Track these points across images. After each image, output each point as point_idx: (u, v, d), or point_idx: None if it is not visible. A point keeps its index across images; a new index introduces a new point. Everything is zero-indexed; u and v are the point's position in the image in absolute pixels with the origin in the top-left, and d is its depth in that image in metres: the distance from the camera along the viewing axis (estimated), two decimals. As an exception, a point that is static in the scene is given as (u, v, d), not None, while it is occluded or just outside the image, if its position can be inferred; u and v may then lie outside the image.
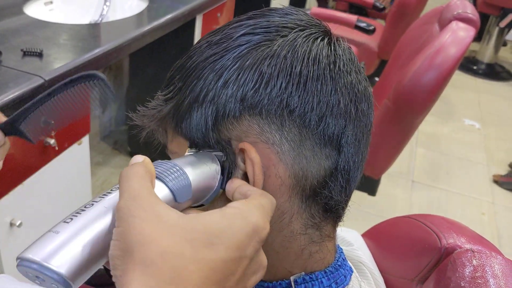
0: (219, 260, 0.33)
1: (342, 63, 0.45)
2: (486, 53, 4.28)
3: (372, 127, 0.49)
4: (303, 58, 0.43)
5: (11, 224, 1.17)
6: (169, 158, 0.47)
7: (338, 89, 0.44)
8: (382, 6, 2.64)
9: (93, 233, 0.34)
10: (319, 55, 0.44)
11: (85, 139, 1.38)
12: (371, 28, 2.33)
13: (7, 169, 1.12)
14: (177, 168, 0.40)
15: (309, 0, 4.01)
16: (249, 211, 0.36)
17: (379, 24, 3.02)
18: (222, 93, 0.43)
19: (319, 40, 0.45)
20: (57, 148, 1.22)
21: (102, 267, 0.37)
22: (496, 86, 2.99)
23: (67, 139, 1.29)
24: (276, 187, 0.44)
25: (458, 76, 4.00)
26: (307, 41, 0.45)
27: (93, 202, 0.37)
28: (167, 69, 0.49)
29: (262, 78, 0.42)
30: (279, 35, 0.44)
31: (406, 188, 2.65)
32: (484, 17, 3.49)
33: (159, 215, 0.34)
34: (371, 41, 2.71)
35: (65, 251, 0.33)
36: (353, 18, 2.37)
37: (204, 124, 0.44)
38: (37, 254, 0.33)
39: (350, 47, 0.49)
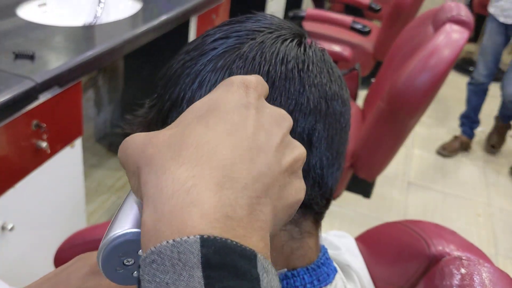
0: (217, 117, 0.31)
1: (311, 63, 0.46)
2: (482, 54, 4.27)
3: (349, 125, 0.50)
4: (271, 59, 0.45)
5: (3, 228, 1.17)
6: None
7: (307, 88, 0.45)
8: (378, 8, 2.64)
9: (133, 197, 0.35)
10: (287, 56, 0.45)
11: (78, 142, 1.37)
12: (367, 29, 2.33)
13: (-1, 172, 1.12)
14: None
15: (305, 1, 4.01)
16: (226, 79, 0.35)
17: (375, 25, 3.02)
18: (197, 94, 0.45)
19: (288, 41, 0.47)
20: (49, 151, 1.22)
21: None
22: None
23: (59, 142, 1.28)
24: None
25: (454, 77, 4.00)
26: (275, 42, 0.46)
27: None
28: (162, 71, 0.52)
29: None
30: (249, 38, 0.46)
31: (402, 189, 2.64)
32: (480, 18, 3.50)
33: (147, 133, 0.33)
34: (367, 42, 2.71)
35: (128, 219, 0.33)
36: (348, 19, 2.37)
37: None
38: (110, 234, 0.32)
39: (324, 49, 0.50)
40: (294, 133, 0.44)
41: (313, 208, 0.48)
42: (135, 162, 0.31)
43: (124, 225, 0.33)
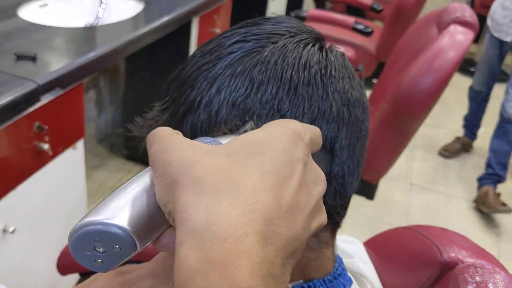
0: (269, 162, 0.31)
1: (334, 68, 0.45)
2: (483, 54, 4.27)
3: (368, 133, 0.49)
4: (294, 64, 0.44)
5: (4, 231, 1.16)
6: None
7: (330, 94, 0.44)
8: (380, 8, 2.63)
9: (139, 189, 0.34)
10: (310, 61, 0.44)
11: (80, 144, 1.36)
12: (369, 30, 2.32)
13: (0, 174, 1.10)
14: (218, 142, 0.39)
15: (306, 2, 4.00)
16: (284, 120, 0.35)
17: (376, 25, 3.01)
18: (215, 99, 0.44)
19: (310, 46, 0.46)
20: (51, 153, 1.21)
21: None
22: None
23: (61, 144, 1.27)
24: None
25: (456, 78, 3.98)
26: (297, 47, 0.45)
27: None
28: (164, 72, 0.50)
29: (253, 84, 0.43)
30: (270, 41, 0.45)
31: (404, 191, 2.63)
32: (481, 19, 3.49)
33: (194, 143, 0.33)
34: (369, 43, 2.70)
35: (124, 211, 0.32)
36: (350, 20, 2.36)
37: (199, 129, 0.44)
38: (97, 216, 0.32)
39: (344, 54, 0.49)
40: None
41: (334, 218, 0.47)
42: (176, 175, 0.30)
43: (119, 215, 0.32)
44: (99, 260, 0.33)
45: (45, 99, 1.16)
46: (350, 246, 0.62)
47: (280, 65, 0.43)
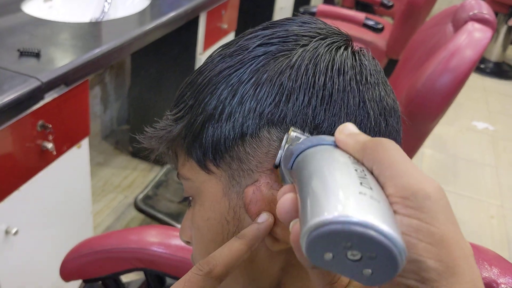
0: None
1: (369, 74, 0.41)
2: (494, 51, 4.21)
3: (401, 144, 0.45)
4: (327, 69, 0.40)
5: (7, 232, 1.13)
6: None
7: (367, 102, 0.40)
8: (390, 4, 2.58)
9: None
10: (344, 66, 0.40)
11: (85, 142, 1.33)
12: (380, 26, 2.27)
13: (2, 174, 1.07)
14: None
15: (314, -3, 3.94)
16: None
17: (386, 21, 2.96)
18: (239, 110, 0.39)
19: (342, 49, 0.41)
20: (55, 152, 1.17)
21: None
22: (504, 85, 2.93)
23: (65, 143, 1.24)
24: None
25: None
26: (329, 50, 0.41)
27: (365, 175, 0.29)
28: (170, 68, 0.45)
29: (283, 92, 0.39)
30: (299, 44, 0.41)
31: (413, 190, 2.59)
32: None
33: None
34: (379, 40, 2.65)
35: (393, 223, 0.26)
36: (361, 16, 2.31)
37: (223, 143, 0.40)
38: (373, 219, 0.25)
39: (375, 58, 0.44)
40: None
41: None
42: (441, 212, 0.28)
43: (375, 216, 0.25)
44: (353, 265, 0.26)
45: (49, 97, 1.12)
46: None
47: (312, 70, 0.39)
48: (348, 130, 0.33)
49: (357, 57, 0.42)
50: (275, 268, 0.43)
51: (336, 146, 0.33)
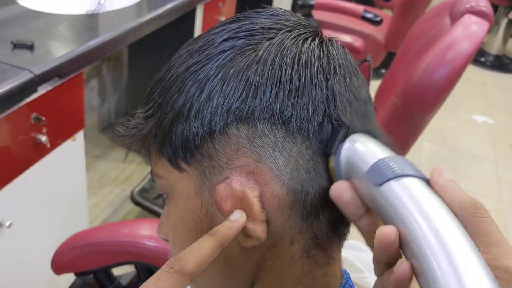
0: None
1: (337, 64, 0.40)
2: (494, 44, 4.19)
3: (378, 130, 0.44)
4: (293, 62, 0.39)
5: (0, 225, 1.12)
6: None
7: (336, 94, 0.39)
8: (389, -3, 2.57)
9: None
10: (311, 58, 0.39)
11: (80, 135, 1.32)
12: (378, 19, 2.26)
13: (-4, 167, 1.07)
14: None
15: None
16: None
17: (385, 14, 2.95)
18: (207, 106, 0.39)
19: (309, 41, 0.41)
20: (48, 145, 1.17)
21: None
22: (504, 78, 2.91)
23: (60, 136, 1.23)
24: (274, 208, 0.39)
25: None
26: (296, 43, 0.40)
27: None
28: (167, 60, 0.44)
29: (250, 87, 0.38)
30: (265, 37, 0.40)
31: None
32: (492, 8, 3.42)
33: None
34: (378, 33, 2.64)
35: None
36: (359, 8, 2.30)
37: (192, 141, 0.40)
38: None
39: (345, 47, 0.43)
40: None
41: (345, 229, 0.43)
42: None
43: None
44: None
45: (42, 90, 1.12)
46: (360, 257, 0.57)
47: (278, 64, 0.39)
48: (447, 174, 0.37)
49: (324, 48, 0.41)
50: (250, 263, 0.43)
51: (427, 182, 0.37)
